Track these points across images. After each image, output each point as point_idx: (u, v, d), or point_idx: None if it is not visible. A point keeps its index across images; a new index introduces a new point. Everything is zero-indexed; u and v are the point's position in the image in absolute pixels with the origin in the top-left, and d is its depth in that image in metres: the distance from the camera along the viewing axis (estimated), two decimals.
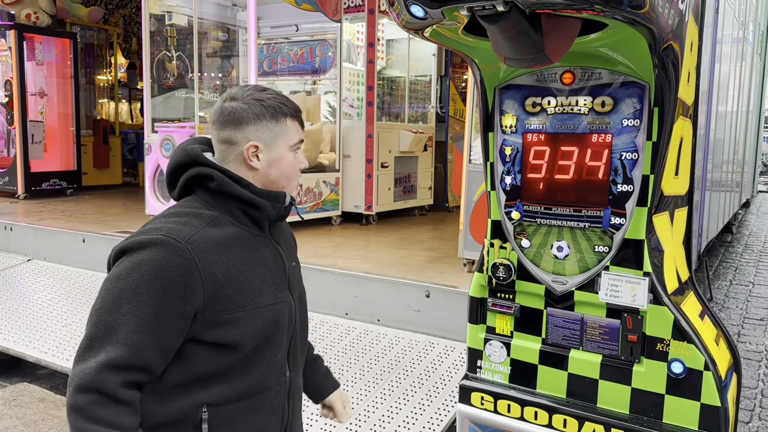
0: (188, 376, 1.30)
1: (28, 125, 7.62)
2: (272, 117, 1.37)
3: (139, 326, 1.21)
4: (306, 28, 6.49)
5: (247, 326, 1.31)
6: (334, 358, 3.30)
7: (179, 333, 1.25)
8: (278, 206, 1.40)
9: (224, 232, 1.33)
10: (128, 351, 1.20)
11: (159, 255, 1.23)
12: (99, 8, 9.60)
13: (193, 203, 1.37)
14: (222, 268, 1.28)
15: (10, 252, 5.58)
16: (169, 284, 1.22)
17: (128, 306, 1.22)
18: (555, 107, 1.89)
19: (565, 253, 1.93)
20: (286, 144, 1.40)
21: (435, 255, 4.60)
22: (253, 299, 1.33)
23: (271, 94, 1.40)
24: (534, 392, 2.03)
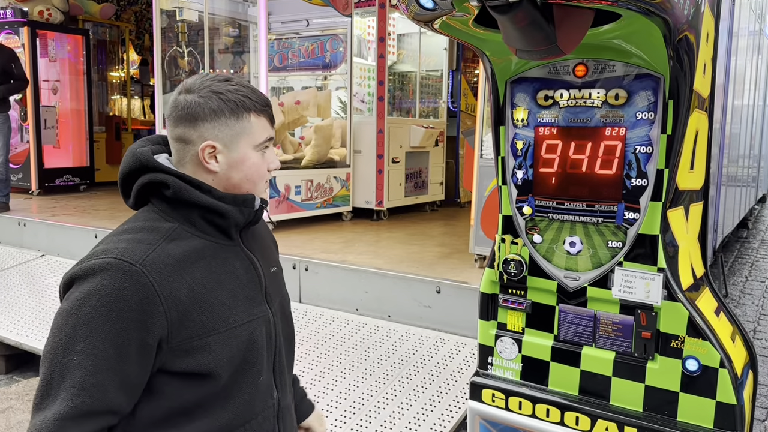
0: (162, 413, 1.15)
1: (40, 110, 7.65)
2: (232, 113, 1.19)
3: (97, 366, 1.06)
4: (317, 23, 6.47)
5: (221, 351, 1.16)
6: (344, 354, 3.29)
7: (144, 367, 1.10)
8: (246, 211, 1.24)
9: (185, 246, 1.17)
10: (89, 396, 1.05)
11: (111, 282, 1.07)
12: (111, 5, 9.64)
13: (149, 215, 1.21)
14: (186, 290, 1.13)
15: (24, 248, 5.62)
16: (125, 315, 1.07)
17: (83, 344, 1.06)
18: (567, 100, 1.86)
19: (578, 248, 1.90)
20: (250, 143, 1.22)
21: (446, 251, 4.57)
22: (225, 320, 1.18)
23: (233, 85, 1.22)
24: (546, 389, 2.01)
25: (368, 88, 6.57)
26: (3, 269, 5.20)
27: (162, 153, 1.27)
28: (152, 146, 1.27)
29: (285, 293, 1.42)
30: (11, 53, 6.61)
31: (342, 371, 3.13)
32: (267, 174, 1.29)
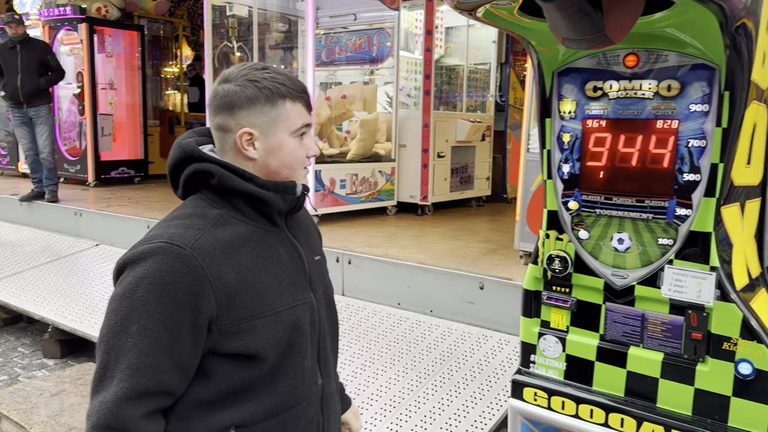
0: (211, 394, 1.18)
1: (98, 118, 7.92)
2: (267, 100, 1.21)
3: (151, 347, 1.09)
4: (364, 17, 6.46)
5: (268, 334, 1.19)
6: (385, 348, 3.29)
7: (196, 347, 1.13)
8: (289, 198, 1.26)
9: (233, 231, 1.20)
10: (144, 377, 1.09)
11: (163, 265, 1.11)
12: (165, 1, 9.87)
13: (197, 202, 1.25)
14: (233, 273, 1.16)
15: (80, 237, 5.83)
16: (177, 296, 1.10)
17: (137, 326, 1.09)
18: (617, 92, 1.80)
19: (626, 245, 1.84)
20: (286, 129, 1.24)
21: (491, 246, 4.52)
22: (271, 304, 1.20)
23: (269, 73, 1.23)
24: (590, 389, 1.96)
25: (414, 83, 6.53)
26: (59, 258, 5.41)
27: (207, 144, 1.30)
28: (198, 137, 1.30)
29: (328, 282, 1.44)
30: (46, 46, 6.85)
31: (383, 365, 3.13)
32: (305, 160, 1.29)
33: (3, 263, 5.43)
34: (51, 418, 3.09)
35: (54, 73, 6.55)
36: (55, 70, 6.57)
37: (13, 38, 6.31)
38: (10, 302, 4.67)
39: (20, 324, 5.05)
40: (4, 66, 6.32)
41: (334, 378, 1.43)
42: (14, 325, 5.03)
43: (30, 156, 6.48)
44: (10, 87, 6.27)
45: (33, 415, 3.11)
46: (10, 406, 3.21)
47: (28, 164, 6.57)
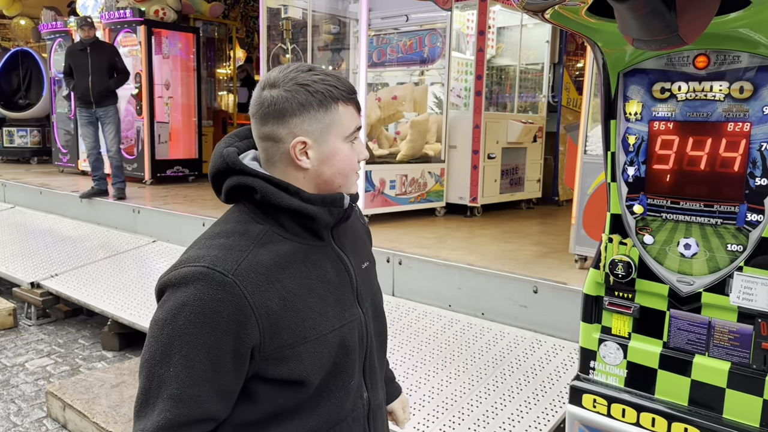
0: (255, 416, 1.15)
1: (155, 126, 8.17)
2: (321, 105, 1.13)
3: (192, 378, 1.05)
4: (415, 18, 6.47)
5: (312, 359, 1.14)
6: (436, 350, 3.28)
7: (238, 375, 1.10)
8: (335, 211, 1.19)
9: (276, 251, 1.13)
10: (186, 407, 1.05)
11: (205, 293, 1.05)
12: (220, 3, 10.08)
13: (240, 216, 1.18)
14: (277, 299, 1.10)
15: (138, 233, 6.01)
16: (219, 326, 1.05)
17: (178, 356, 1.05)
18: (686, 93, 1.75)
19: (693, 251, 1.79)
20: (340, 135, 1.16)
21: (543, 250, 4.45)
22: (315, 327, 1.14)
23: (318, 75, 1.14)
24: (652, 398, 1.91)
25: (465, 83, 6.49)
26: (118, 253, 5.59)
27: (249, 150, 1.24)
28: (239, 142, 1.24)
29: (377, 288, 1.39)
30: (114, 48, 7.07)
31: (434, 367, 3.12)
32: (357, 165, 1.23)
33: (64, 258, 5.64)
34: (112, 408, 3.19)
35: (121, 74, 6.78)
36: (121, 72, 6.80)
37: (84, 41, 6.56)
38: (71, 295, 4.85)
39: (80, 317, 5.24)
40: (75, 67, 6.57)
41: (382, 388, 1.38)
42: (74, 318, 5.22)
43: (92, 155, 6.70)
44: (81, 88, 6.50)
45: (95, 405, 3.23)
46: (73, 396, 3.34)
47: (89, 162, 6.80)
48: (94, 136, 6.67)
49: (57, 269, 5.34)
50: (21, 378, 3.99)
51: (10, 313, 4.95)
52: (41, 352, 4.44)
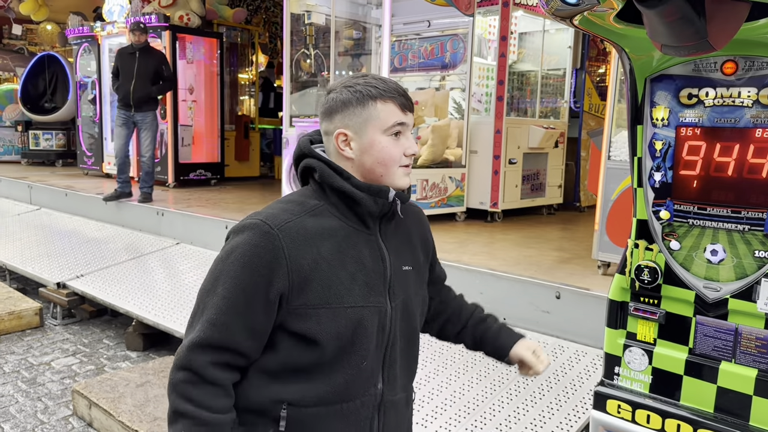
0: (275, 365, 1.28)
1: (179, 129, 8.27)
2: (359, 102, 1.30)
3: (228, 308, 1.23)
4: (437, 24, 6.49)
5: (329, 324, 1.26)
6: (458, 354, 3.29)
7: (267, 317, 1.25)
8: (380, 201, 1.32)
9: (322, 223, 1.29)
10: (217, 331, 1.23)
11: (253, 239, 1.24)
12: (243, 9, 10.20)
13: (305, 191, 1.37)
14: (310, 260, 1.25)
15: (161, 235, 6.09)
16: (257, 268, 1.23)
17: (222, 287, 1.24)
18: (714, 99, 1.75)
19: (720, 257, 1.78)
20: (378, 128, 1.30)
21: (565, 255, 4.44)
22: (339, 297, 1.27)
23: (365, 79, 1.32)
24: (677, 404, 1.90)
25: (486, 88, 6.49)
26: (143, 255, 5.67)
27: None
28: (318, 135, 1.41)
29: (414, 294, 1.43)
30: (162, 55, 7.16)
31: (456, 371, 3.13)
32: (402, 158, 1.34)
33: (89, 259, 5.73)
34: (137, 407, 3.24)
35: (165, 82, 6.88)
36: (167, 80, 6.90)
37: (134, 45, 6.67)
38: (97, 296, 4.93)
39: (105, 317, 5.32)
40: (121, 69, 6.66)
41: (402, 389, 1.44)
42: (99, 318, 5.30)
43: (120, 157, 6.77)
44: (123, 90, 6.60)
45: (120, 404, 3.28)
46: (99, 395, 3.39)
47: (116, 164, 6.88)
48: (126, 139, 6.75)
49: (82, 270, 5.43)
50: (47, 376, 4.06)
51: (37, 313, 5.04)
52: (67, 352, 4.52)
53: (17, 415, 3.50)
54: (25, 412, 3.55)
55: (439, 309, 1.67)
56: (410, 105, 1.34)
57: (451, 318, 1.68)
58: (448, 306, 1.69)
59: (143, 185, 6.72)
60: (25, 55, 13.67)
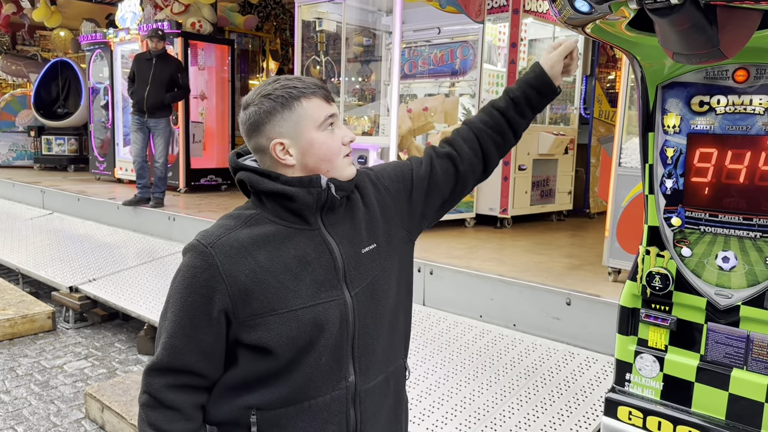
0: (238, 378, 1.30)
1: (190, 126, 8.32)
2: (284, 106, 1.27)
3: (176, 331, 1.26)
4: (447, 31, 6.51)
5: (280, 330, 1.25)
6: (468, 360, 3.29)
7: (216, 336, 1.27)
8: (314, 191, 1.29)
9: (258, 231, 1.28)
10: (168, 355, 1.26)
11: (190, 261, 1.26)
12: (254, 16, 10.27)
13: (247, 204, 1.36)
14: (247, 271, 1.24)
15: (173, 240, 6.13)
16: (196, 289, 1.24)
17: (170, 311, 1.28)
18: (725, 107, 1.76)
19: (732, 264, 1.79)
20: (312, 126, 1.28)
21: (575, 262, 4.43)
22: (285, 301, 1.26)
23: (281, 82, 1.29)
24: (688, 411, 1.90)
25: (496, 95, 6.50)
26: (154, 259, 5.71)
27: None
28: (242, 149, 1.41)
29: (380, 273, 1.38)
30: (179, 63, 7.22)
31: (466, 377, 3.13)
32: (343, 148, 1.33)
33: (101, 263, 5.78)
34: None
35: (179, 90, 6.93)
36: (181, 87, 6.95)
37: (152, 51, 6.73)
38: (109, 300, 4.97)
39: (116, 321, 5.35)
40: (137, 75, 6.72)
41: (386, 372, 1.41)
42: (110, 322, 5.34)
43: (138, 162, 6.82)
44: (138, 96, 6.66)
45: (132, 407, 3.30)
46: (111, 398, 3.42)
47: (135, 170, 6.92)
48: (142, 144, 6.81)
49: (94, 274, 5.47)
50: (60, 380, 4.10)
51: (50, 316, 5.08)
52: (79, 355, 4.55)
53: (30, 418, 3.54)
54: (38, 414, 3.59)
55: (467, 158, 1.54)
56: (331, 95, 1.34)
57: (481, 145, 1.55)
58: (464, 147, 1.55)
59: (156, 190, 6.77)
60: (38, 61, 13.82)
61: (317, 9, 5.94)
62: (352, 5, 5.98)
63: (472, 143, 1.55)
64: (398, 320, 1.46)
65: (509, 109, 1.56)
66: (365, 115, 6.18)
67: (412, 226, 1.49)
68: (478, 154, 1.55)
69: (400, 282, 1.45)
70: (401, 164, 1.53)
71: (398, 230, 1.45)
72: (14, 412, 3.61)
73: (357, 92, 6.86)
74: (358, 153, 5.42)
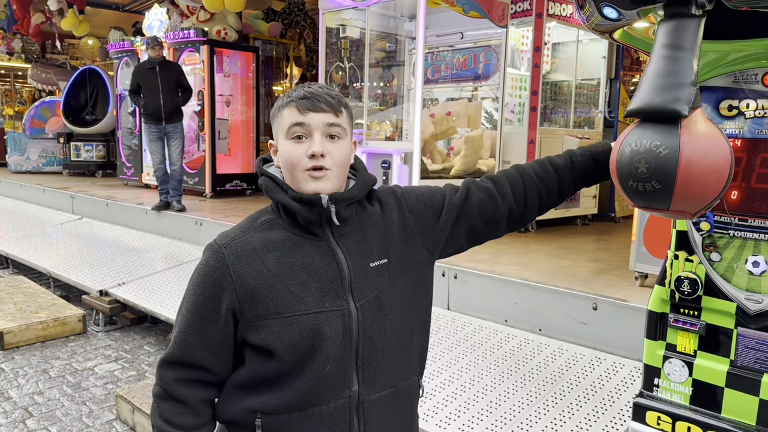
0: (244, 378, 1.34)
1: (215, 122, 8.44)
2: (276, 111, 1.35)
3: (187, 326, 1.32)
4: (470, 36, 6.53)
5: (282, 334, 1.28)
6: (493, 365, 3.29)
7: (224, 333, 1.31)
8: (316, 210, 1.30)
9: (270, 236, 1.32)
10: (179, 348, 1.32)
11: (206, 260, 1.32)
12: (278, 23, 10.37)
13: (266, 208, 1.41)
14: (255, 273, 1.28)
15: (200, 244, 6.21)
16: (208, 287, 1.30)
17: (184, 307, 1.33)
18: (755, 111, 1.75)
19: (762, 269, 1.77)
20: (282, 134, 1.32)
21: (601, 266, 4.41)
22: (289, 306, 1.28)
23: (296, 90, 1.34)
24: (718, 416, 1.89)
25: (519, 99, 6.50)
26: (182, 263, 5.80)
27: None
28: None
29: (389, 287, 1.37)
30: (179, 67, 7.39)
31: (491, 381, 3.14)
32: (303, 160, 1.29)
33: (130, 267, 5.88)
34: None
35: (186, 92, 7.09)
36: (186, 90, 7.10)
37: (152, 60, 6.88)
38: (138, 303, 5.06)
39: (145, 324, 5.44)
40: (144, 85, 6.87)
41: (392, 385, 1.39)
42: (139, 325, 5.43)
43: (160, 170, 6.98)
44: (153, 105, 6.80)
45: None
46: (141, 400, 3.48)
47: (157, 177, 7.06)
48: (162, 152, 6.96)
49: (123, 278, 5.58)
50: (91, 381, 4.18)
51: (80, 320, 5.19)
52: (109, 357, 4.64)
53: (63, 419, 3.62)
54: (71, 415, 3.67)
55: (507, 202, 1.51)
56: (315, 105, 1.29)
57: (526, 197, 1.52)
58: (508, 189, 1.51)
59: (175, 194, 6.91)
60: (67, 69, 14.12)
61: (341, 16, 5.99)
62: (375, 11, 6.03)
63: (518, 188, 1.51)
64: (411, 338, 1.44)
65: (566, 170, 1.52)
66: (387, 119, 6.21)
67: (435, 249, 1.47)
68: (520, 200, 1.51)
69: (415, 300, 1.44)
70: (434, 188, 1.52)
71: (418, 250, 1.43)
72: (47, 413, 3.69)
73: (379, 97, 6.90)
74: (382, 158, 5.45)
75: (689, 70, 1.30)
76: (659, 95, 1.29)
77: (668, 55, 1.30)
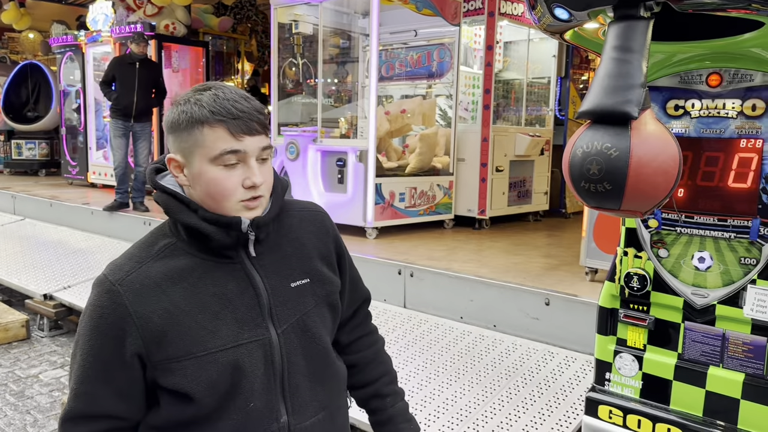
0: (160, 421, 1.18)
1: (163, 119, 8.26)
2: (187, 125, 1.12)
3: (87, 376, 1.14)
4: (424, 33, 6.55)
5: (198, 375, 1.14)
6: (449, 362, 3.31)
7: (131, 378, 1.15)
8: (233, 234, 1.16)
9: (173, 265, 1.16)
10: (81, 402, 1.14)
11: (97, 300, 1.14)
12: (229, 18, 10.20)
13: (162, 226, 1.23)
14: (161, 311, 1.12)
15: None
16: (105, 331, 1.12)
17: (79, 353, 1.15)
18: (700, 110, 1.80)
19: (707, 264, 1.83)
20: (204, 157, 1.12)
21: (553, 262, 4.49)
22: (203, 344, 1.14)
23: (202, 95, 1.14)
24: (667, 409, 1.94)
25: (472, 96, 6.56)
26: None
27: None
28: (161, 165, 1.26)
29: (314, 308, 1.28)
30: (160, 67, 7.18)
31: (447, 379, 3.15)
32: (238, 191, 1.15)
33: (76, 269, 5.69)
34: None
35: (160, 94, 6.86)
36: (161, 92, 6.87)
37: (135, 55, 6.61)
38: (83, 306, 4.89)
39: None
40: (120, 80, 6.56)
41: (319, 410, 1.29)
42: None
43: (120, 168, 6.67)
44: (125, 101, 6.51)
45: None
46: None
47: (117, 175, 6.75)
48: (125, 150, 6.68)
49: (69, 281, 5.39)
50: (36, 389, 4.02)
51: (23, 325, 4.99)
52: (54, 364, 4.48)
53: (7, 429, 3.47)
54: (15, 425, 3.52)
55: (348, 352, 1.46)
56: (250, 127, 1.13)
57: (356, 369, 1.47)
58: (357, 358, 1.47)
59: (138, 196, 6.65)
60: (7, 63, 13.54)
61: (293, 11, 5.92)
62: (328, 7, 5.98)
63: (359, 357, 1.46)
64: (327, 358, 1.33)
65: (375, 399, 1.48)
66: (342, 116, 6.18)
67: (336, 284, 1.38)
68: (352, 358, 1.45)
69: (336, 318, 1.36)
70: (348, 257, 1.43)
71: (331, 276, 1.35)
72: None
73: (333, 94, 6.86)
74: (337, 156, 5.42)
75: (639, 72, 1.32)
76: (610, 97, 1.31)
77: (618, 57, 1.33)
